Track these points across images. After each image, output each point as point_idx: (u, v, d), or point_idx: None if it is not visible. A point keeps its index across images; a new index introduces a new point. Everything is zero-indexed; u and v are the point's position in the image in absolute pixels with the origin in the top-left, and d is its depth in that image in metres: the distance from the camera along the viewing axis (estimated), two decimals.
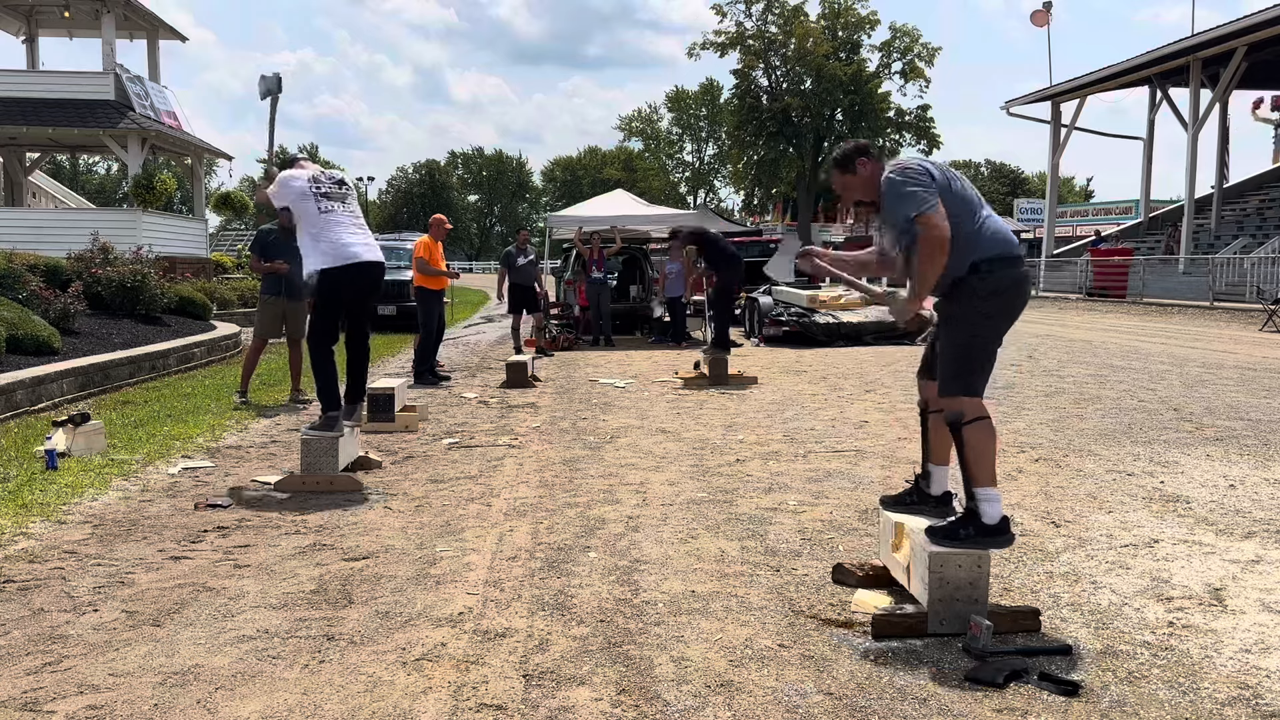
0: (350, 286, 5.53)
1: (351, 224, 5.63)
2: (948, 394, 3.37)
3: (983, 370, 3.38)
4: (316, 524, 4.67)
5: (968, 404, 3.34)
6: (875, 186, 3.48)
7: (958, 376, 3.35)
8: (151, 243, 17.26)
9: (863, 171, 3.54)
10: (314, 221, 5.51)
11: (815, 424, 7.42)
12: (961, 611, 3.16)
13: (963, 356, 3.36)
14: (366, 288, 5.65)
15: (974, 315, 3.35)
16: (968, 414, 3.33)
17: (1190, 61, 26.59)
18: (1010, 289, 3.38)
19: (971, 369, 3.35)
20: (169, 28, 23.14)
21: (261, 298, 8.79)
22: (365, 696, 2.80)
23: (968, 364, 3.35)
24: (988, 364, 3.40)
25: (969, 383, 3.35)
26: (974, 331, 3.36)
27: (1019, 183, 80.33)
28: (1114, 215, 44.26)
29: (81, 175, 77.89)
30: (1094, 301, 26.00)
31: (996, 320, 3.38)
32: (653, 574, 3.86)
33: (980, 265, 3.32)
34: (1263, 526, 4.44)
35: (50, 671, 2.99)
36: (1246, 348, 13.27)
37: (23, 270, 10.57)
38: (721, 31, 57.84)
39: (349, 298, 5.63)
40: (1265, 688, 2.82)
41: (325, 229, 5.50)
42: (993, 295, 3.34)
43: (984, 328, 3.37)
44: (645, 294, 17.32)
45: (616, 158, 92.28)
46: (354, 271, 5.48)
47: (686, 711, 2.70)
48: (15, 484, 5.30)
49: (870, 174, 3.52)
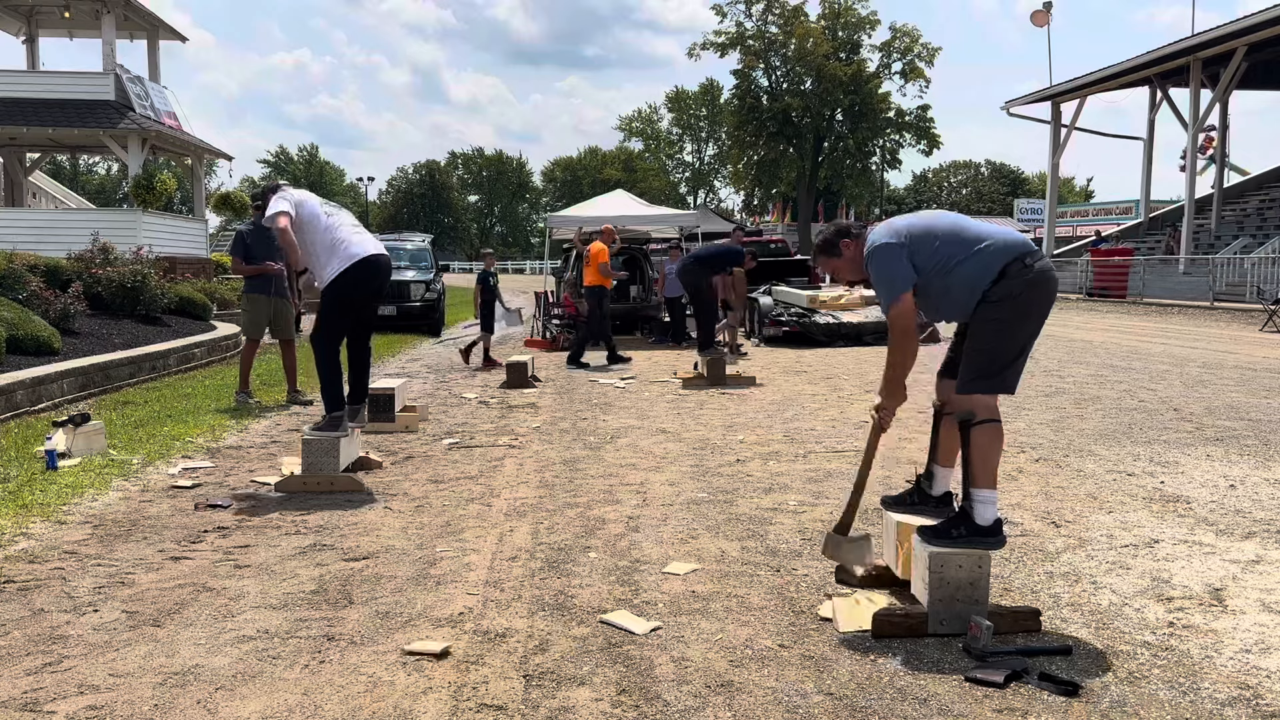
0: (363, 284, 5.57)
1: (351, 225, 5.75)
2: (968, 391, 3.37)
3: (1008, 369, 3.35)
4: (316, 524, 4.67)
5: (981, 404, 3.33)
6: (860, 264, 3.58)
7: (983, 375, 3.34)
8: (151, 243, 17.25)
9: (846, 253, 3.65)
10: (322, 225, 5.61)
11: (815, 424, 7.42)
12: (962, 612, 3.16)
13: (989, 358, 3.34)
14: (377, 284, 5.70)
15: (999, 316, 3.34)
16: (979, 415, 3.33)
17: (1190, 61, 26.61)
18: (1031, 285, 3.34)
19: (997, 367, 3.34)
20: (169, 28, 23.13)
21: (247, 296, 8.68)
22: (365, 697, 2.80)
23: (994, 364, 3.34)
24: (1017, 359, 3.37)
25: (995, 381, 3.34)
26: (999, 332, 3.34)
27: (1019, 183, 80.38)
28: (1114, 215, 44.29)
29: (81, 175, 77.95)
30: (1094, 302, 26.00)
31: (1022, 319, 3.36)
32: (653, 574, 3.86)
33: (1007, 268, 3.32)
34: (1263, 526, 4.44)
35: (50, 671, 2.99)
36: (1247, 348, 13.27)
37: (23, 270, 10.56)
38: (721, 32, 57.94)
39: (361, 296, 5.66)
40: (1265, 688, 2.82)
41: (333, 231, 5.59)
42: (1011, 296, 3.32)
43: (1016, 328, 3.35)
44: (645, 294, 17.32)
45: (616, 158, 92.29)
46: (367, 272, 5.53)
47: (686, 711, 2.70)
48: (15, 484, 5.31)
49: (854, 254, 3.61)
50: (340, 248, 5.53)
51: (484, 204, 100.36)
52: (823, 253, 3.72)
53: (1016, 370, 3.39)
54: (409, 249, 18.71)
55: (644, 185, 76.36)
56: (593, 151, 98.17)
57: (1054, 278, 3.44)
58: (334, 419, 5.54)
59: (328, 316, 5.66)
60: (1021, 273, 3.32)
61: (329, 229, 5.60)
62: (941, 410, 3.66)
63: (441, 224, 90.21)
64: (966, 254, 3.36)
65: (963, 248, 3.38)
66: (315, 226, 5.60)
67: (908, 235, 3.44)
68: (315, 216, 5.62)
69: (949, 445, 3.64)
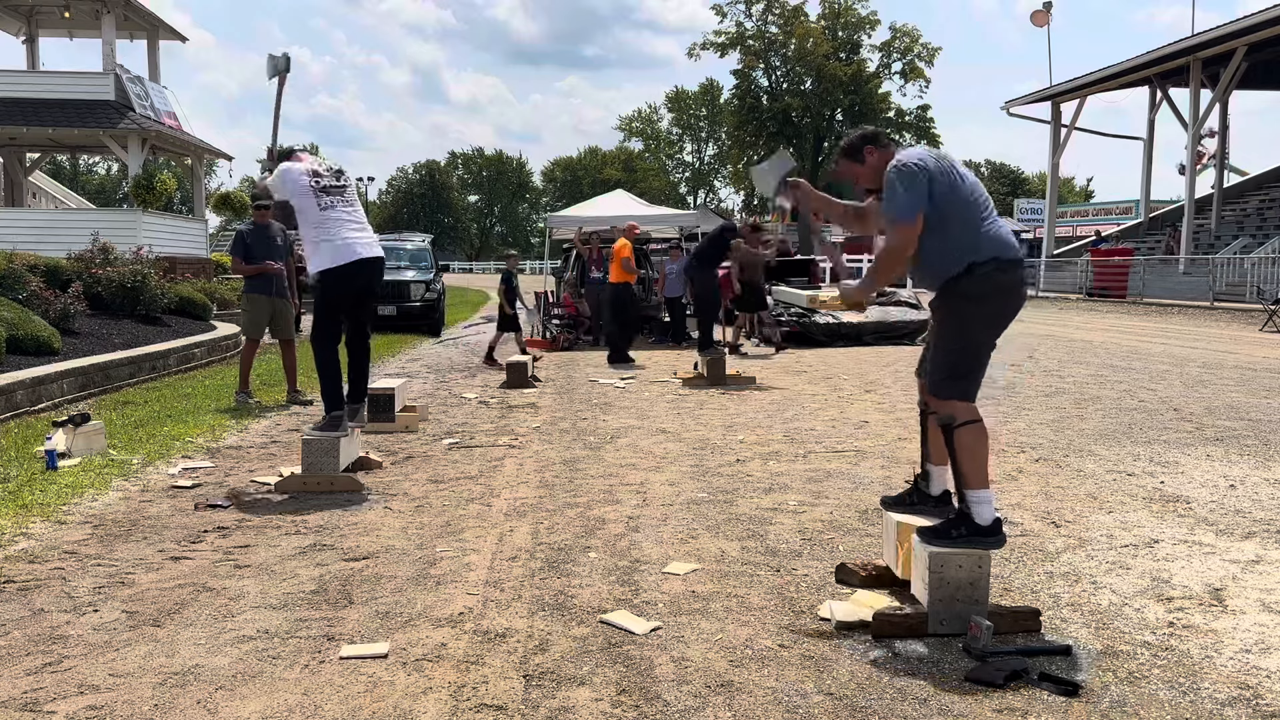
0: (351, 284, 5.53)
1: (351, 220, 5.60)
2: (940, 396, 3.37)
3: (974, 374, 3.36)
4: (316, 524, 4.67)
5: (960, 407, 3.32)
6: (880, 173, 3.45)
7: (951, 379, 3.34)
8: (151, 243, 17.24)
9: (870, 160, 3.52)
10: (315, 219, 5.51)
11: (815, 424, 7.42)
12: (962, 612, 3.16)
13: (954, 359, 3.35)
14: (366, 285, 5.64)
15: (966, 317, 3.34)
16: (959, 417, 3.32)
17: (1190, 61, 26.61)
18: (1003, 293, 3.35)
19: (963, 371, 3.34)
20: (169, 28, 23.13)
21: (247, 295, 8.68)
22: (365, 697, 2.80)
23: (960, 366, 3.34)
24: (979, 368, 3.37)
25: (962, 387, 3.33)
26: (966, 333, 3.35)
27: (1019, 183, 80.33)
28: (1114, 215, 44.24)
29: (81, 175, 77.88)
30: (1094, 302, 26.00)
31: (988, 323, 3.36)
32: (653, 574, 3.86)
33: (976, 266, 3.30)
34: (1263, 526, 4.44)
35: (50, 671, 2.99)
36: (1247, 348, 13.27)
37: (23, 270, 10.56)
38: (721, 32, 57.98)
39: (350, 296, 5.63)
40: (1265, 688, 2.82)
41: (326, 227, 5.49)
42: (984, 298, 3.32)
43: (976, 330, 3.35)
44: (645, 294, 17.31)
45: (616, 158, 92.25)
46: (354, 269, 5.48)
47: (686, 711, 2.70)
48: (15, 484, 5.30)
49: (878, 162, 3.48)
50: (325, 245, 5.45)
51: (484, 204, 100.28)
52: (845, 155, 3.59)
53: (981, 376, 3.38)
54: (409, 249, 18.70)
55: (644, 185, 76.34)
56: (593, 151, 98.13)
57: (1022, 289, 3.42)
58: (334, 419, 5.54)
59: (317, 316, 5.66)
60: (991, 276, 3.30)
61: (320, 224, 5.49)
62: (926, 410, 3.66)
63: (441, 224, 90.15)
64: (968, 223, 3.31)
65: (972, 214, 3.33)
66: (305, 219, 5.51)
67: (938, 168, 3.34)
68: (308, 206, 5.50)
69: (939, 443, 3.63)
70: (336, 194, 5.60)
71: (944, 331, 3.40)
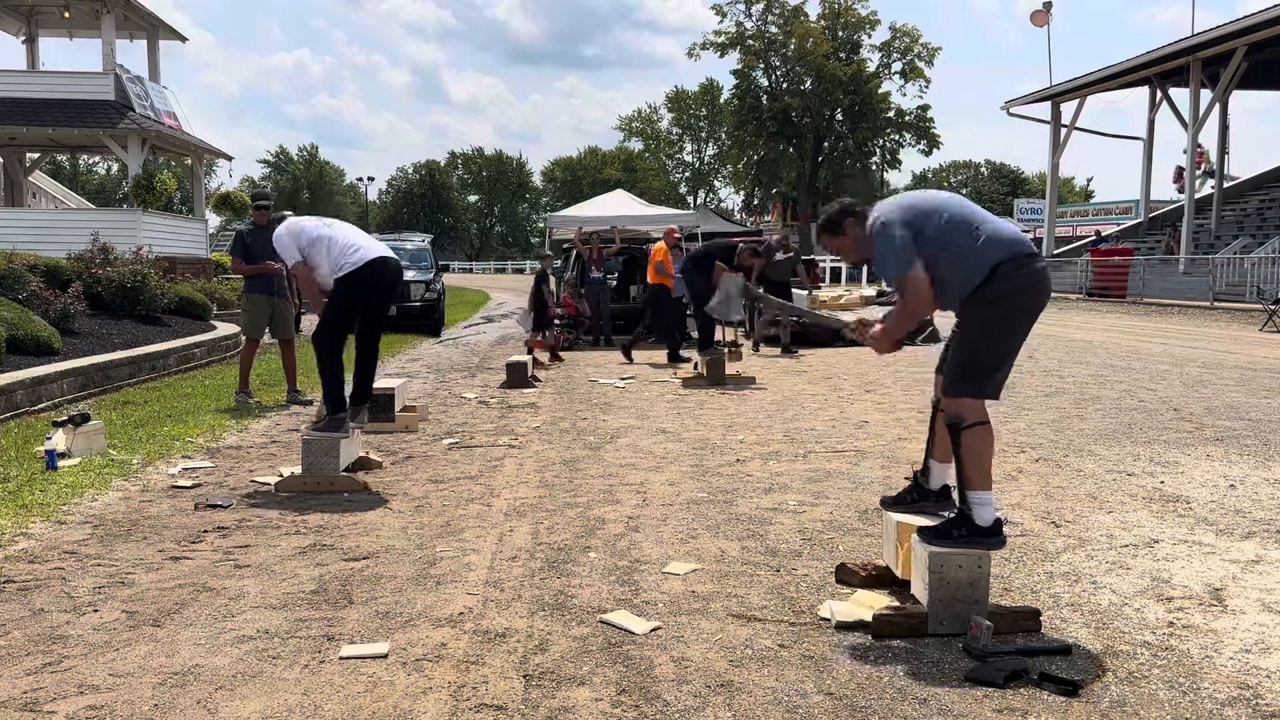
0: (371, 286, 5.60)
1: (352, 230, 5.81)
2: (953, 395, 3.37)
3: (993, 373, 3.35)
4: (316, 524, 4.67)
5: (969, 407, 3.33)
6: (864, 243, 3.56)
7: (964, 379, 3.34)
8: (151, 243, 17.25)
9: (852, 232, 3.62)
10: (321, 240, 5.64)
11: (815, 424, 7.42)
12: (962, 612, 3.16)
13: (972, 359, 3.35)
14: (387, 286, 5.71)
15: (988, 320, 3.34)
16: (968, 418, 3.32)
17: (1190, 61, 26.59)
18: (1023, 290, 3.34)
19: (981, 372, 3.34)
20: (169, 28, 23.13)
21: (246, 295, 8.70)
22: (365, 697, 2.80)
23: (976, 367, 3.34)
24: (1002, 366, 3.37)
25: (978, 385, 3.33)
26: (990, 335, 3.35)
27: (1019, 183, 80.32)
28: (1114, 215, 44.24)
29: (81, 175, 77.93)
30: (1094, 302, 26.00)
31: (1013, 323, 3.36)
32: (652, 574, 3.86)
33: (997, 268, 3.31)
34: (1263, 526, 4.44)
35: (50, 671, 2.99)
36: (1247, 348, 13.27)
37: (23, 270, 10.56)
38: (721, 32, 57.97)
39: (370, 297, 5.67)
40: (1265, 688, 2.82)
41: (333, 241, 5.63)
42: (1002, 298, 3.32)
43: (1000, 332, 3.35)
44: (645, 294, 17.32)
45: (616, 158, 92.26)
46: (374, 270, 5.56)
47: (686, 711, 2.70)
48: (15, 484, 5.31)
49: (859, 233, 3.58)
50: (350, 251, 5.58)
51: (484, 204, 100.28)
52: (826, 231, 3.69)
53: (1002, 375, 3.38)
54: (409, 249, 18.70)
55: (644, 185, 76.35)
56: (593, 151, 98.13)
57: (1046, 282, 3.42)
58: (336, 420, 5.54)
59: (332, 311, 5.67)
60: (1011, 275, 3.31)
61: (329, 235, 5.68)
62: (938, 406, 3.66)
63: (441, 224, 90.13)
64: (965, 245, 3.34)
65: (964, 236, 3.36)
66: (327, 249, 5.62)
67: (914, 212, 3.41)
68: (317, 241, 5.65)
69: (946, 441, 3.63)
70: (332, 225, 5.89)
71: (966, 334, 3.39)
